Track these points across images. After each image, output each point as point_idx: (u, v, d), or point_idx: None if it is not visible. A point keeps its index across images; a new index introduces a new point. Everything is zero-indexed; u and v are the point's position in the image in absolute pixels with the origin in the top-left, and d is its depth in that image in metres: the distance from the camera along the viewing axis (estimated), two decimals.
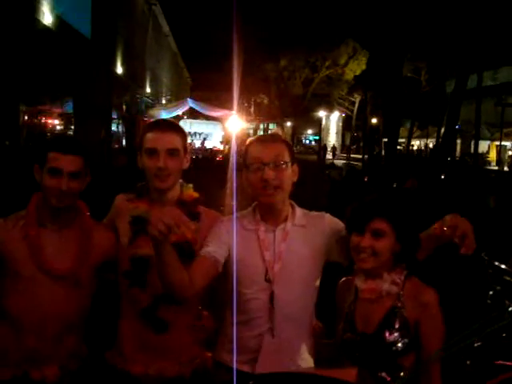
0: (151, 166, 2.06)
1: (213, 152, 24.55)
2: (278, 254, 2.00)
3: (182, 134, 2.15)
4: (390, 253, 1.84)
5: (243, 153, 2.08)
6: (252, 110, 32.42)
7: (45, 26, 12.26)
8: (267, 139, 2.09)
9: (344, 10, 28.59)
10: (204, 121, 28.55)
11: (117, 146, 20.72)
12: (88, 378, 2.12)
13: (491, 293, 4.11)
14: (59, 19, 13.03)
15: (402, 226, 1.84)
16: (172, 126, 2.14)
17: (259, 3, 27.55)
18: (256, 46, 26.90)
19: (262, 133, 32.55)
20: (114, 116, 20.88)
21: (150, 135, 2.09)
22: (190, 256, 2.07)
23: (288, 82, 31.06)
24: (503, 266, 4.55)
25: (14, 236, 2.01)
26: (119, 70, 21.04)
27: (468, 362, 3.72)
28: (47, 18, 12.39)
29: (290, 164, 2.01)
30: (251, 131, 33.06)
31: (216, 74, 30.50)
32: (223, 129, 27.33)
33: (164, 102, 29.94)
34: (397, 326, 1.82)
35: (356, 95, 35.49)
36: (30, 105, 13.21)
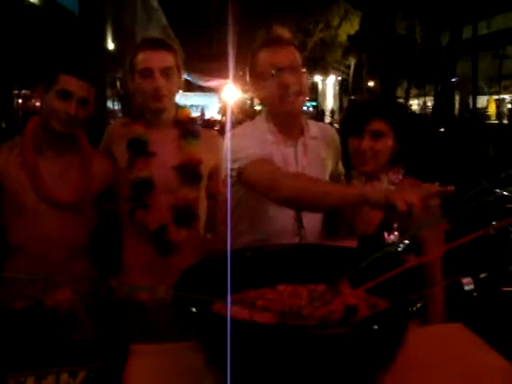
0: (147, 87, 2.04)
1: (210, 122, 24.46)
2: (301, 170, 1.92)
3: (175, 51, 2.11)
4: (389, 153, 1.83)
5: (249, 63, 1.95)
6: (248, 79, 32.14)
7: (31, 2, 12.07)
8: (276, 41, 1.91)
9: None
10: (200, 93, 28.37)
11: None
12: (101, 300, 2.14)
13: (494, 223, 4.12)
14: None
15: (400, 126, 1.83)
16: (164, 43, 2.10)
17: None
18: (247, 15, 26.55)
19: (258, 102, 32.30)
20: (109, 93, 20.73)
21: (142, 55, 2.05)
22: (196, 177, 2.08)
23: None
24: (505, 193, 4.56)
25: (11, 164, 1.99)
26: (110, 46, 20.78)
27: (475, 294, 3.76)
28: None
29: (303, 69, 1.90)
30: (248, 101, 32.77)
31: (208, 46, 30.19)
32: (219, 100, 27.19)
33: None
34: (395, 226, 1.82)
35: (351, 58, 35.11)
36: (23, 87, 13.12)
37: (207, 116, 26.58)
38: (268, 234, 1.90)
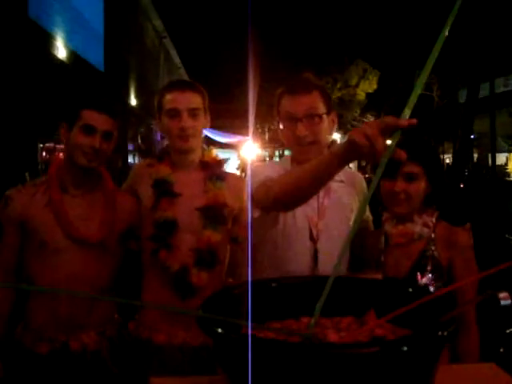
0: (173, 127, 2.06)
1: None
2: (321, 211, 1.93)
3: (202, 93, 2.14)
4: (422, 196, 1.84)
5: (275, 105, 1.98)
6: (267, 136, 32.58)
7: (60, 60, 12.53)
8: (298, 88, 1.92)
9: (350, 32, 28.95)
10: (219, 149, 28.78)
11: None
12: (127, 344, 2.11)
13: None
14: (73, 53, 13.32)
15: (432, 168, 1.84)
16: (191, 85, 2.14)
17: (267, 33, 27.98)
18: (267, 74, 27.26)
19: (277, 159, 32.62)
20: (130, 148, 21.16)
21: (169, 96, 2.08)
22: (220, 220, 2.06)
23: None
24: None
25: (36, 202, 1.99)
26: (133, 101, 21.36)
27: (502, 350, 3.62)
28: (61, 52, 12.67)
29: (325, 115, 1.91)
30: (267, 158, 33.09)
31: (228, 103, 30.81)
32: (238, 156, 27.47)
33: None
34: (429, 269, 1.79)
35: (369, 116, 35.53)
36: (47, 141, 13.46)
37: None
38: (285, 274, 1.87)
